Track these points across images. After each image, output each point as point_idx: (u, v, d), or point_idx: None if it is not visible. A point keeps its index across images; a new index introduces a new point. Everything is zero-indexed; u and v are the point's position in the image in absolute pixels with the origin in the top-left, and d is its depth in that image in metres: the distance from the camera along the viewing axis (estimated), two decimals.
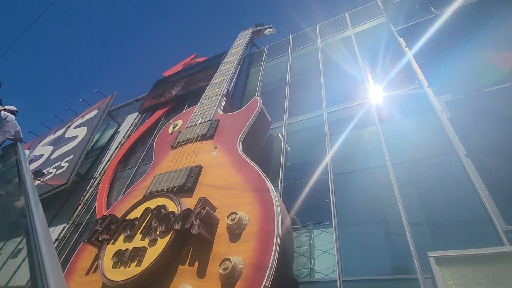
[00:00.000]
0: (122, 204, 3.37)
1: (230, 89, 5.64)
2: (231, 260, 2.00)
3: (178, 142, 4.02)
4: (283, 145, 4.65)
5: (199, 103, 4.91)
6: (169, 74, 10.05)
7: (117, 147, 7.80)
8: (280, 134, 4.96)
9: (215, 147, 3.53)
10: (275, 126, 5.08)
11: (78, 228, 5.89)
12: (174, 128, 4.61)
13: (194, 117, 4.51)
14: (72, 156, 7.52)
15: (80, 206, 6.47)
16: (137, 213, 2.84)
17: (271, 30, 8.98)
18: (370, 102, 4.54)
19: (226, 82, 5.25)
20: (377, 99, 4.55)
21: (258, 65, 7.66)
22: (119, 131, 8.74)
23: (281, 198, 3.43)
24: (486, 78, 3.78)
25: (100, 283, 2.40)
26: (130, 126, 8.52)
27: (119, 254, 2.46)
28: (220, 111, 4.46)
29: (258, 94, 6.31)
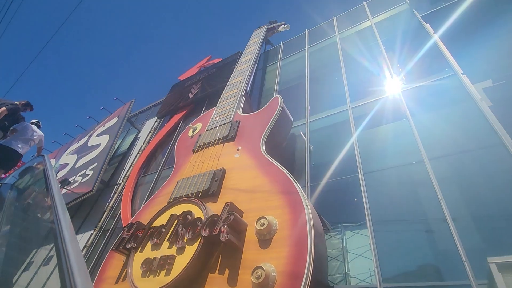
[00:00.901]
0: (147, 210, 3.33)
1: (248, 89, 5.53)
2: (264, 268, 1.89)
3: (199, 146, 3.95)
4: (307, 143, 4.47)
5: (218, 105, 4.83)
6: (184, 78, 10.12)
7: (138, 153, 7.92)
8: (302, 133, 4.78)
9: (238, 149, 3.43)
10: (297, 125, 4.91)
11: (105, 234, 5.99)
12: (193, 131, 4.55)
13: (214, 119, 4.43)
14: (96, 164, 7.70)
15: (105, 213, 6.59)
16: (163, 219, 2.79)
17: (285, 26, 8.79)
18: (399, 94, 4.26)
19: (243, 82, 5.14)
20: (405, 91, 4.26)
21: (274, 62, 7.50)
22: (139, 137, 8.88)
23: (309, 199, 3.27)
24: None
25: None
26: (150, 132, 8.63)
27: (148, 262, 2.42)
28: (240, 112, 4.36)
29: (276, 92, 6.16)
